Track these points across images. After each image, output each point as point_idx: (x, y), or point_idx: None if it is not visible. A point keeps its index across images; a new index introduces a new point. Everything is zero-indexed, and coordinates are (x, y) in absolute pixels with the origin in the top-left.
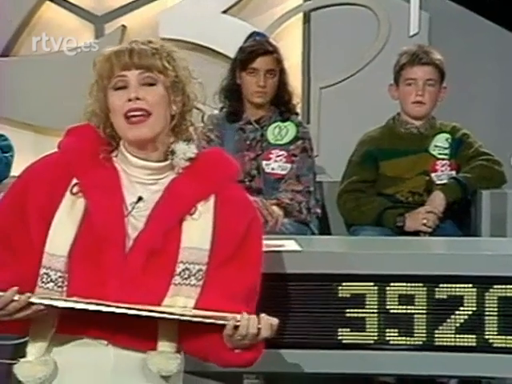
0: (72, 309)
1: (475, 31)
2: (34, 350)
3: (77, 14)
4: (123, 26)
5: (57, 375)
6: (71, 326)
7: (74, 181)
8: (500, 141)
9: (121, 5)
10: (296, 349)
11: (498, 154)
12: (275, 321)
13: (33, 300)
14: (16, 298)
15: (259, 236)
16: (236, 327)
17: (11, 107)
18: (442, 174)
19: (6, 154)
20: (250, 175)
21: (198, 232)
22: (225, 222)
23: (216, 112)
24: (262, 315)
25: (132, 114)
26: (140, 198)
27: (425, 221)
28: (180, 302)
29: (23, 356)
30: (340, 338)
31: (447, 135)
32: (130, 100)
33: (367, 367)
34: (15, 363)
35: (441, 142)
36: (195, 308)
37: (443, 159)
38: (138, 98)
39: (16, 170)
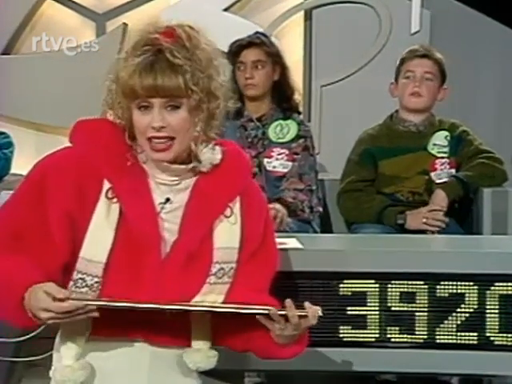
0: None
1: (477, 29)
2: (69, 353)
3: (78, 12)
4: (125, 24)
5: (95, 377)
6: (106, 328)
7: (107, 184)
8: (501, 139)
9: (122, 2)
10: None
11: (499, 151)
12: (318, 308)
13: (89, 303)
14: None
15: (273, 228)
16: (287, 320)
17: (12, 105)
18: (442, 172)
19: (6, 151)
20: (251, 173)
21: (229, 232)
22: (250, 220)
23: None
24: (306, 303)
25: (156, 140)
26: (168, 199)
27: (425, 220)
28: (210, 298)
29: (26, 355)
30: (341, 335)
31: (446, 133)
32: (153, 127)
33: (368, 365)
34: (16, 361)
35: (439, 140)
36: (224, 303)
37: (442, 157)
38: (162, 127)
39: (17, 167)
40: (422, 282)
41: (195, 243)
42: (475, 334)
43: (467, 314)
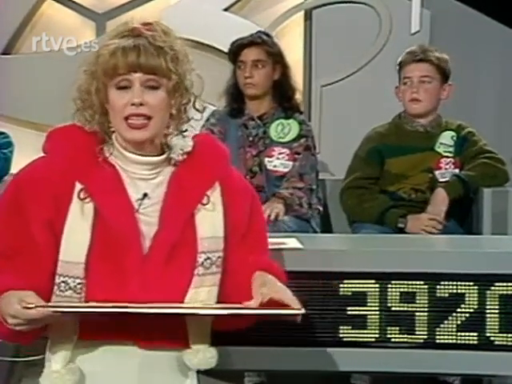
0: (94, 313)
1: (477, 29)
2: (58, 358)
3: (78, 12)
4: None
5: (84, 382)
6: (94, 331)
7: (79, 186)
8: (501, 139)
9: (122, 2)
10: (297, 346)
11: (499, 152)
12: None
13: (56, 309)
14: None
15: (260, 208)
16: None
17: (12, 105)
18: (446, 171)
19: (5, 150)
20: (252, 172)
21: (212, 221)
22: (233, 206)
23: (220, 108)
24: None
25: (133, 118)
26: (145, 195)
27: (425, 227)
28: (202, 291)
29: (26, 355)
30: (341, 335)
31: (453, 133)
32: (132, 104)
33: (368, 365)
34: (16, 361)
35: (446, 139)
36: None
37: (447, 157)
38: (141, 104)
39: (17, 167)
40: (421, 282)
41: (176, 234)
42: (475, 333)
43: (467, 314)
